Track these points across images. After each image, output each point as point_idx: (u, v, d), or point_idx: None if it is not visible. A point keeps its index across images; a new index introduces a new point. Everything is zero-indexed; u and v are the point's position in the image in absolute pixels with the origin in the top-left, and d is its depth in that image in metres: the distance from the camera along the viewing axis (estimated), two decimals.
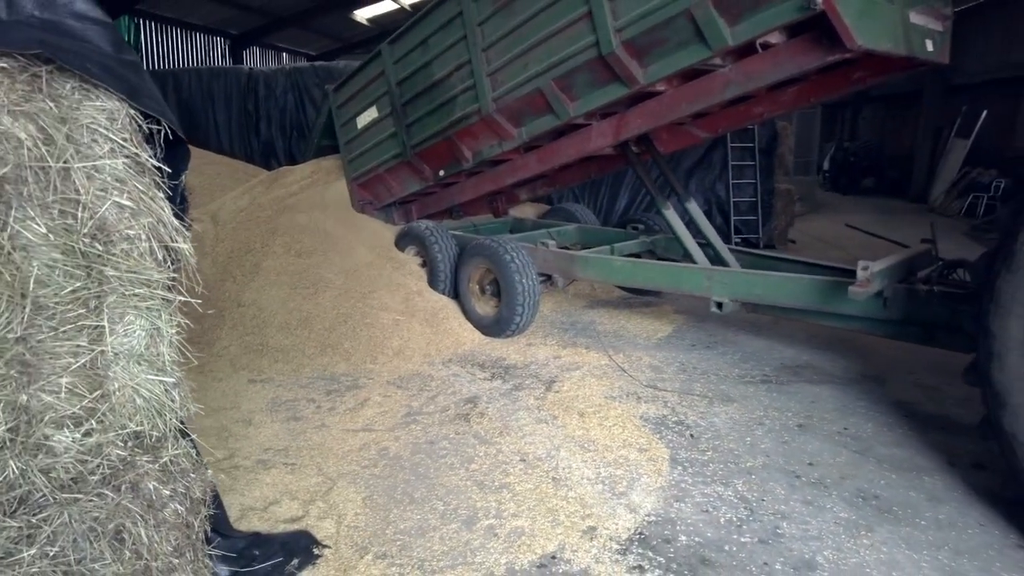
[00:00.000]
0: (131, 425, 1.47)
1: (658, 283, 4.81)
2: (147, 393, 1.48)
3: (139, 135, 1.45)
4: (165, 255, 1.54)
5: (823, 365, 4.76)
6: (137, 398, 1.47)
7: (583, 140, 4.73)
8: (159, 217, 1.45)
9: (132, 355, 1.45)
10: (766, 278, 4.25)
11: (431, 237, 5.65)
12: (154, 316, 1.49)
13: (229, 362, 4.62)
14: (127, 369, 1.45)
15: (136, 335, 1.45)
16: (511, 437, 3.58)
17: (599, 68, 4.09)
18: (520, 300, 4.94)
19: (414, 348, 4.91)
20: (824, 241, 10.45)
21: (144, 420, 1.49)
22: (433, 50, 5.09)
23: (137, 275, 1.42)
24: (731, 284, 4.37)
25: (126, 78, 1.42)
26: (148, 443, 1.51)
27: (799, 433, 3.67)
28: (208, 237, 5.96)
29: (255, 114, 10.79)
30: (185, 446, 1.61)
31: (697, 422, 3.80)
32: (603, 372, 4.54)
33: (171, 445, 1.55)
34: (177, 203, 1.60)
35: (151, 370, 1.49)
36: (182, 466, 1.56)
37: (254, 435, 3.62)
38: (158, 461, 1.51)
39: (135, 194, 1.38)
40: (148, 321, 1.48)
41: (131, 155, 1.39)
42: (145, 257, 1.44)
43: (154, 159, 1.48)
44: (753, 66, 3.79)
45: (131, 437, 1.48)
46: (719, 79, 3.95)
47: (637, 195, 9.40)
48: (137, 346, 1.46)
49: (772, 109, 4.96)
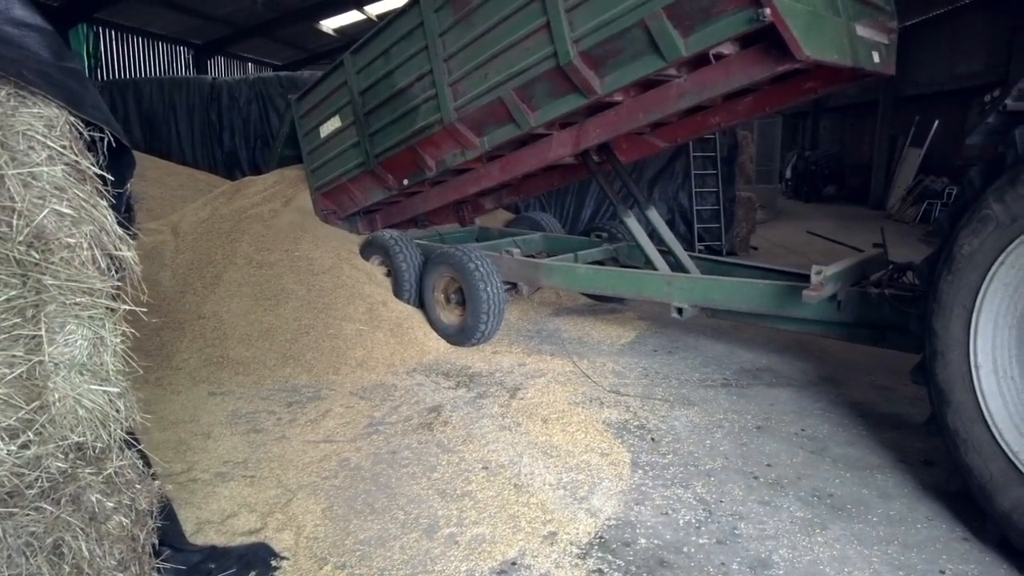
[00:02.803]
0: (73, 436, 1.44)
1: (620, 290, 4.86)
2: (90, 404, 1.46)
3: (80, 143, 1.43)
4: (109, 263, 1.52)
5: (781, 368, 4.86)
6: (79, 409, 1.44)
7: (544, 149, 4.78)
8: (102, 225, 1.43)
9: (74, 365, 1.43)
10: (723, 284, 4.33)
11: (395, 246, 5.64)
12: (97, 325, 1.47)
13: (188, 375, 4.54)
14: (68, 379, 1.42)
15: (78, 345, 1.43)
16: (474, 445, 3.58)
17: (558, 78, 4.15)
18: (485, 308, 4.95)
19: (378, 358, 4.88)
20: (786, 248, 10.67)
21: (87, 431, 1.47)
22: (395, 60, 5.11)
23: (78, 284, 1.40)
24: (690, 290, 4.44)
25: (66, 85, 1.40)
26: (91, 454, 1.48)
27: (757, 435, 3.74)
28: (168, 249, 5.87)
29: (218, 124, 10.67)
30: (131, 457, 1.58)
31: (658, 426, 3.85)
32: (567, 378, 4.57)
33: (116, 456, 1.52)
34: (122, 211, 1.58)
35: (94, 380, 1.47)
36: (127, 477, 1.53)
37: (213, 448, 3.56)
38: (102, 473, 1.48)
39: (75, 202, 1.37)
40: (91, 330, 1.46)
41: (71, 163, 1.37)
42: (87, 265, 1.42)
43: (96, 167, 1.46)
44: (706, 76, 3.88)
45: (73, 449, 1.45)
46: (674, 89, 4.04)
47: (602, 204, 9.52)
48: (79, 356, 1.44)
49: (728, 119, 5.08)
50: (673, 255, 5.14)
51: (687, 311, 4.44)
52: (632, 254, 5.91)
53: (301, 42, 19.40)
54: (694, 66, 3.96)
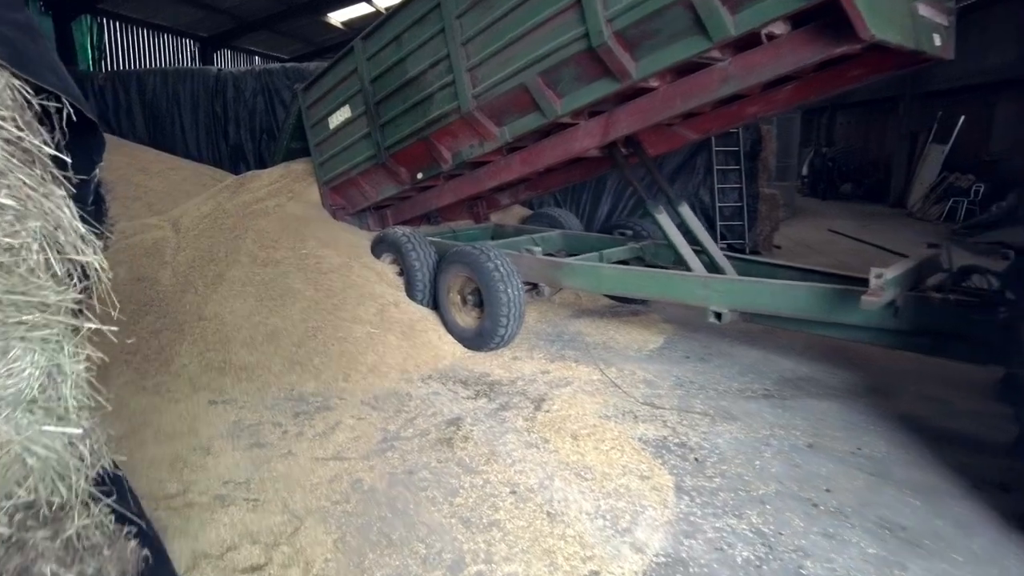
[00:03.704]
0: (20, 493, 1.12)
1: (650, 292, 4.51)
2: (43, 451, 1.14)
3: (28, 114, 1.11)
4: (70, 270, 1.19)
5: (824, 378, 4.51)
6: (28, 458, 1.12)
7: (569, 141, 4.44)
8: (57, 221, 1.11)
9: (20, 402, 1.10)
10: (767, 287, 3.98)
11: (408, 244, 5.31)
12: (52, 350, 1.15)
13: (188, 381, 4.22)
14: (13, 420, 1.10)
15: (26, 375, 1.11)
16: (499, 465, 3.26)
17: (588, 62, 3.81)
18: (505, 311, 4.62)
19: (390, 364, 4.56)
20: (808, 247, 10.30)
21: (39, 486, 1.15)
22: (409, 45, 4.77)
23: (25, 297, 1.08)
24: (729, 293, 4.09)
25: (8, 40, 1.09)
26: (45, 515, 1.16)
27: (810, 454, 3.40)
28: (169, 245, 5.56)
29: (223, 117, 10.38)
30: (99, 513, 1.26)
31: (700, 443, 3.51)
32: (595, 388, 4.24)
33: (78, 515, 1.20)
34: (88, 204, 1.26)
35: (48, 419, 1.15)
36: (93, 540, 1.21)
37: (212, 465, 3.24)
38: (59, 537, 1.16)
39: (19, 190, 1.04)
40: (44, 356, 1.14)
41: (11, 139, 1.05)
42: (37, 273, 1.10)
43: (51, 146, 1.14)
44: (753, 59, 3.53)
45: (20, 509, 1.13)
46: (717, 74, 3.69)
47: (620, 199, 9.17)
48: (27, 390, 1.11)
49: (766, 109, 4.72)
50: (707, 255, 4.79)
51: (726, 316, 4.09)
52: (659, 253, 5.57)
53: (308, 35, 19.10)
54: (739, 48, 3.62)
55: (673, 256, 5.35)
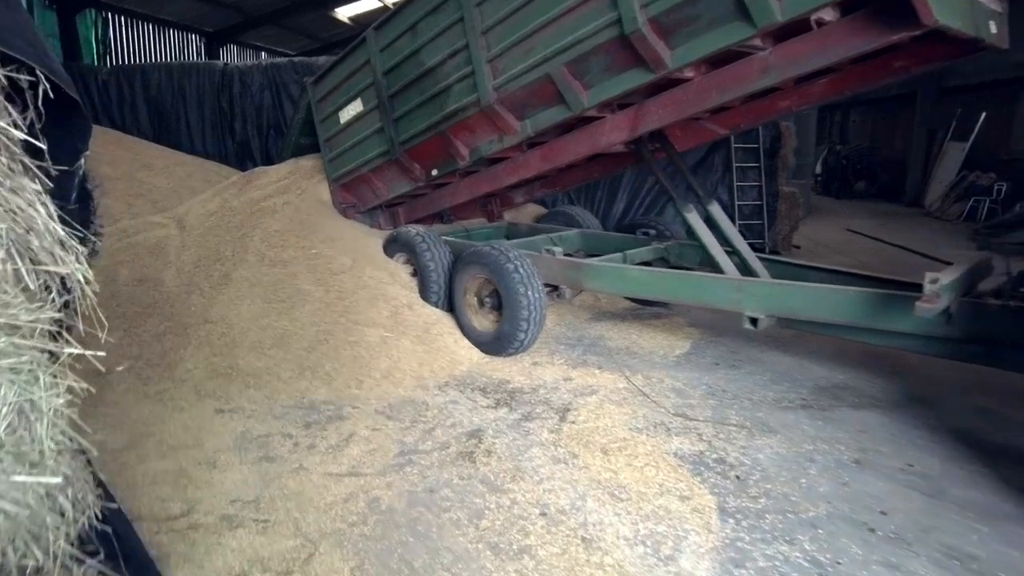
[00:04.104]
0: None
1: (681, 296, 4.26)
2: (12, 506, 0.92)
3: None
4: (48, 283, 0.97)
5: (862, 386, 4.27)
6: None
7: (594, 135, 4.20)
8: (29, 223, 0.89)
9: None
10: (806, 290, 3.73)
11: (422, 244, 5.09)
12: (24, 382, 0.93)
13: (193, 388, 4.01)
14: None
15: None
16: (526, 483, 3.03)
17: (619, 50, 3.57)
18: (525, 315, 4.39)
19: (405, 369, 4.34)
20: (828, 246, 10.04)
21: (8, 548, 0.92)
22: (425, 35, 4.54)
23: None
24: (766, 297, 3.85)
25: None
26: None
27: (857, 471, 3.17)
28: (173, 244, 5.35)
29: (230, 112, 10.17)
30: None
31: (740, 459, 3.28)
32: (622, 397, 4.00)
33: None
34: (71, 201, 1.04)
35: (18, 467, 0.93)
36: None
37: (219, 481, 3.03)
38: None
39: None
40: (13, 390, 0.91)
41: None
42: (3, 287, 0.88)
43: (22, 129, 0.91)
44: (798, 49, 3.28)
45: None
46: (756, 65, 3.44)
47: (636, 197, 8.92)
48: None
49: (800, 102, 4.46)
50: (739, 256, 4.55)
51: (762, 322, 3.84)
52: (684, 253, 5.33)
53: (315, 31, 18.86)
54: (780, 36, 3.37)
55: (699, 256, 5.11)
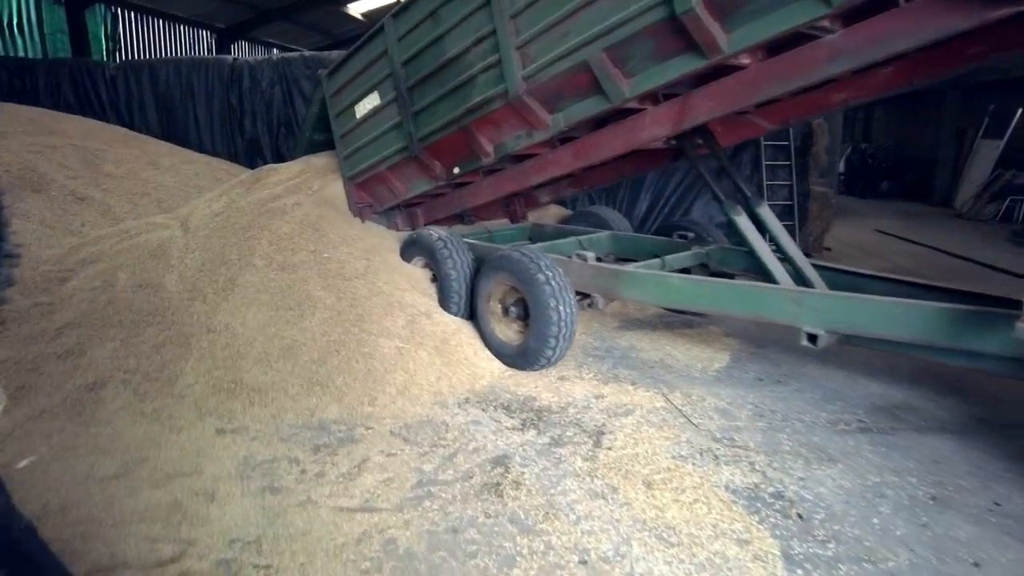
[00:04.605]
0: None
1: (730, 308, 3.86)
2: None
3: None
4: None
5: (923, 406, 3.88)
6: None
7: (633, 129, 3.83)
8: None
9: None
10: (876, 305, 3.33)
11: (443, 249, 4.73)
12: None
13: (193, 405, 3.68)
14: None
15: None
16: (561, 522, 2.68)
17: (668, 34, 3.19)
18: (555, 331, 4.01)
19: (422, 384, 4.00)
20: (859, 248, 9.63)
21: None
22: (447, 20, 4.18)
23: None
24: (828, 311, 3.46)
25: None
26: None
27: (937, 511, 2.79)
28: (176, 246, 5.04)
29: (239, 109, 9.87)
30: None
31: (800, 494, 2.91)
32: (661, 418, 3.64)
33: None
34: None
35: None
36: None
37: (217, 517, 2.70)
38: None
39: None
40: None
41: None
42: None
43: None
44: (875, 30, 2.87)
45: None
46: (823, 50, 3.04)
47: (660, 196, 8.53)
48: None
49: (858, 94, 4.07)
50: (791, 263, 4.16)
51: (823, 338, 3.45)
52: (726, 259, 4.94)
53: (327, 27, 18.61)
54: (851, 16, 2.97)
55: (744, 262, 4.73)
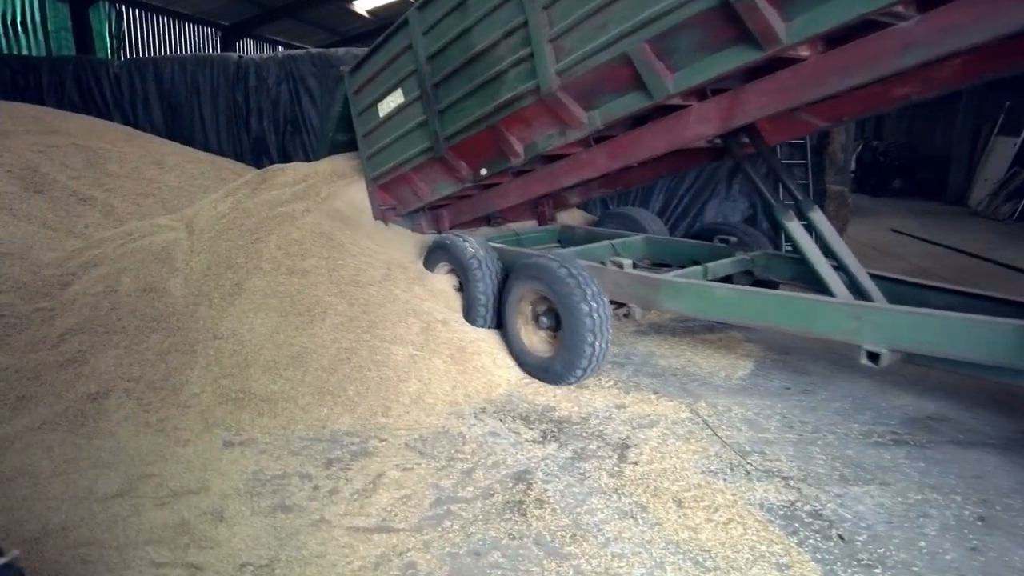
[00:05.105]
0: None
1: (783, 323, 3.60)
2: None
3: None
4: None
5: (960, 417, 3.72)
6: None
7: (676, 127, 3.58)
8: None
9: None
10: (947, 322, 3.03)
11: (473, 259, 4.51)
12: None
13: (200, 415, 3.55)
14: None
15: None
16: (589, 544, 2.53)
17: (719, 23, 2.95)
18: (588, 353, 3.79)
19: (437, 393, 3.86)
20: (875, 248, 9.47)
21: None
22: (475, 12, 3.96)
23: None
24: (892, 327, 3.19)
25: None
26: None
27: (987, 533, 2.64)
28: (181, 249, 4.90)
29: (245, 107, 9.73)
30: None
31: (838, 512, 2.76)
32: (687, 430, 3.49)
33: None
34: None
35: None
36: None
37: (226, 539, 2.56)
38: None
39: None
40: None
41: None
42: None
43: None
44: (955, 17, 2.56)
45: None
46: (895, 39, 2.74)
47: (673, 196, 8.35)
48: None
49: (922, 89, 3.66)
50: (846, 272, 3.88)
51: (885, 357, 3.19)
52: (772, 266, 4.65)
53: (332, 24, 18.47)
54: (927, 3, 2.66)
55: (790, 270, 4.50)
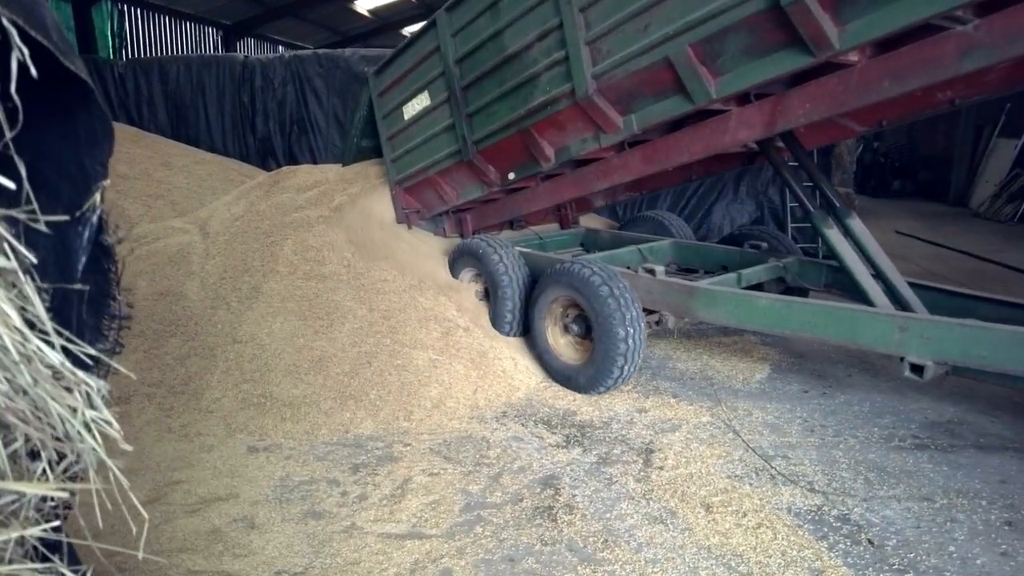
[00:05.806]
0: None
1: (825, 333, 3.52)
2: None
3: None
4: None
5: (979, 422, 3.73)
6: None
7: (715, 132, 3.52)
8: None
9: None
10: (999, 335, 2.94)
11: (499, 266, 4.47)
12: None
13: (222, 420, 3.56)
14: None
15: None
16: (622, 550, 2.54)
17: (768, 26, 2.90)
18: (616, 372, 3.77)
19: (458, 397, 3.86)
20: None
21: None
22: (507, 14, 3.91)
23: None
24: (938, 340, 3.11)
25: None
26: None
27: (1016, 537, 2.65)
28: (196, 252, 4.90)
29: (251, 108, 9.71)
30: None
31: (866, 517, 2.77)
32: (710, 434, 3.50)
33: None
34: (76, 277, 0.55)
35: None
36: None
37: (259, 547, 2.56)
38: None
39: None
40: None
41: None
42: None
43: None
44: (1018, 21, 2.49)
45: None
46: (952, 43, 2.67)
47: (681, 198, 8.36)
48: None
49: (967, 92, 3.58)
50: (884, 281, 3.81)
51: (930, 370, 3.14)
52: (805, 273, 4.59)
53: (334, 23, 18.42)
54: (986, 6, 2.60)
55: (824, 277, 4.46)
